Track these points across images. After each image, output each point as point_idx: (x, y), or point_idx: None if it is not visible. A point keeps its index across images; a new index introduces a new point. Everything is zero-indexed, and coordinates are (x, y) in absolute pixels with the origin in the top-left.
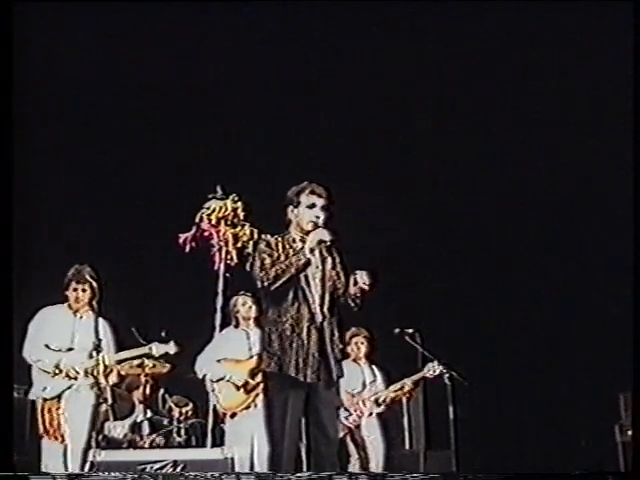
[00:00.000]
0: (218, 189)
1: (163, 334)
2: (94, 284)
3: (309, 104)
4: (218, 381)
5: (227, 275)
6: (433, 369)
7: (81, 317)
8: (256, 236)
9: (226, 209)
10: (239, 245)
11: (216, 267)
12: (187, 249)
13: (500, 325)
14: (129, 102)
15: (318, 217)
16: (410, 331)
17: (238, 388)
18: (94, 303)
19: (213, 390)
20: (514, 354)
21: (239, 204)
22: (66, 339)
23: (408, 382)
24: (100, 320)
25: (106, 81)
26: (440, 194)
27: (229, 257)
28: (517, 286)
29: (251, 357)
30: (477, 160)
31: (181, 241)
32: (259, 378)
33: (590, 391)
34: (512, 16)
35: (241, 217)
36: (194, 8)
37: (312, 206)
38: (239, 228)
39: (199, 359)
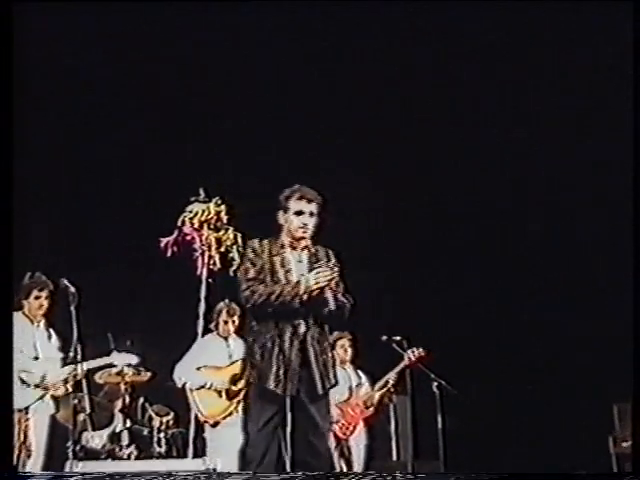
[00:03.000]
0: (201, 192)
1: (128, 343)
2: (54, 292)
3: (302, 104)
4: (199, 389)
5: (210, 280)
6: (412, 353)
7: (38, 326)
8: (240, 240)
9: (209, 212)
10: (222, 249)
11: (199, 272)
12: (169, 253)
13: (493, 331)
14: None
15: (306, 224)
16: (398, 338)
17: (220, 395)
18: (48, 313)
19: (193, 399)
20: (507, 360)
21: (222, 207)
22: (30, 348)
23: (392, 375)
24: (52, 330)
25: (106, 81)
26: (438, 195)
27: (212, 262)
28: (513, 292)
29: (232, 364)
30: (476, 160)
31: (163, 245)
32: (241, 384)
33: (586, 401)
34: (512, 16)
35: (224, 220)
36: (194, 8)
37: (300, 213)
38: (222, 232)
39: (178, 367)
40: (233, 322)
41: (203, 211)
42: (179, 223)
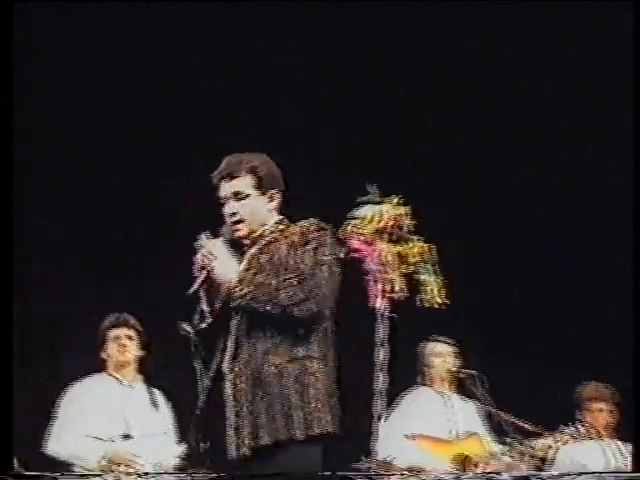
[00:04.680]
0: (371, 188)
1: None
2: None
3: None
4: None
5: (393, 316)
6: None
7: (130, 385)
8: (433, 255)
9: (386, 217)
10: (407, 270)
11: (375, 304)
12: None
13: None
14: (130, 101)
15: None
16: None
17: None
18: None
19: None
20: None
21: (405, 209)
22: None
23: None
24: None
25: (106, 81)
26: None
27: (392, 288)
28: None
29: (457, 436)
30: (475, 160)
31: None
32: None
33: None
34: (512, 16)
35: (409, 228)
36: (195, 8)
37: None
38: (407, 245)
39: (387, 425)
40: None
41: (377, 216)
42: (342, 235)
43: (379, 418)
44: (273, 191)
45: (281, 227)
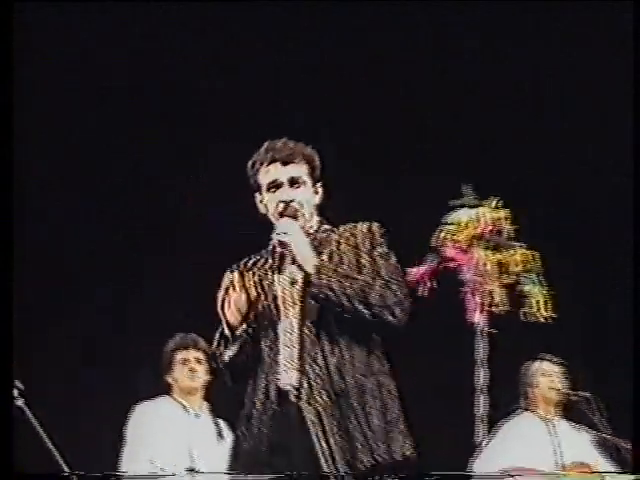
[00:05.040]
0: (466, 190)
1: None
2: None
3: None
4: None
5: (493, 331)
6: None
7: (197, 415)
8: (537, 263)
9: (484, 223)
10: (508, 280)
11: (473, 318)
12: (423, 291)
13: None
14: (130, 101)
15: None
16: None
17: None
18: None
19: None
20: None
21: (504, 212)
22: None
23: None
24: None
25: (106, 81)
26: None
27: (493, 301)
28: None
29: (563, 467)
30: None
31: (416, 278)
32: None
33: None
34: (512, 16)
35: (509, 233)
36: (195, 8)
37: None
38: (507, 252)
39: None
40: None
41: (473, 221)
42: (436, 242)
43: (479, 446)
44: (319, 184)
45: (325, 226)
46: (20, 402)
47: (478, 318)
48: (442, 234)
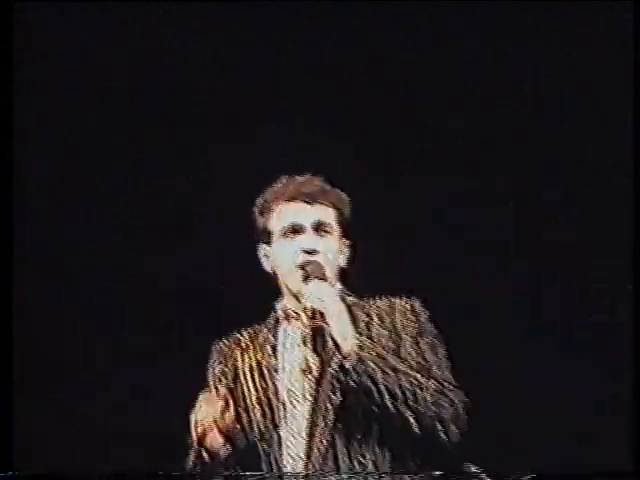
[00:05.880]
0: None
1: None
2: None
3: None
4: None
5: None
6: None
7: None
8: None
9: None
10: None
11: None
12: None
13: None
14: (130, 101)
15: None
16: None
17: None
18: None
19: None
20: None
21: None
22: None
23: None
24: None
25: (106, 81)
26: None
27: None
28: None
29: None
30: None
31: None
32: None
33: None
34: (512, 16)
35: None
36: (195, 8)
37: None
38: None
39: None
40: None
41: None
42: None
43: None
44: (347, 241)
45: (351, 298)
46: None
47: None
48: None
